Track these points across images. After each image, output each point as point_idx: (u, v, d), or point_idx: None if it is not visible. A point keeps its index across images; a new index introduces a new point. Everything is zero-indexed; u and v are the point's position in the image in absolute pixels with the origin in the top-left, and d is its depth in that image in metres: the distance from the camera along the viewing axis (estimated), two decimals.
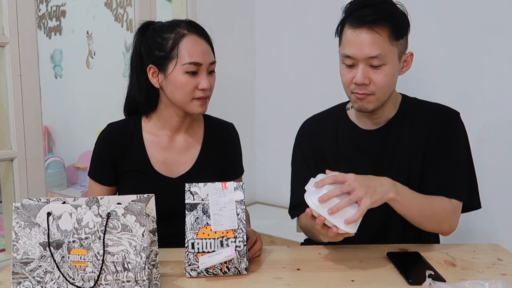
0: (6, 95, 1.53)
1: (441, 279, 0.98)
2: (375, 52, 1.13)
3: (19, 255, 0.92)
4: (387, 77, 1.16)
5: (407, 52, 1.22)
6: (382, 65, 1.15)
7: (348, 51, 1.16)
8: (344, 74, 1.20)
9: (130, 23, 2.97)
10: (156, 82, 1.25)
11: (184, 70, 1.20)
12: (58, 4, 3.45)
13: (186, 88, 1.21)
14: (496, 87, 1.86)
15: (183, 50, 1.20)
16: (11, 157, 1.54)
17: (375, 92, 1.17)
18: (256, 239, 1.14)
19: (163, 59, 1.22)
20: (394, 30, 1.14)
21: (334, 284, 1.00)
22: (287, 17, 2.44)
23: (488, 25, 1.85)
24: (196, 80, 1.21)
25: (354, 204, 1.01)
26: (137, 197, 0.97)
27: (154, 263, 0.97)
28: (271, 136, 2.60)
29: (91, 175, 1.34)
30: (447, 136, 1.24)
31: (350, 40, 1.15)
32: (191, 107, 1.24)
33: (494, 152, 1.87)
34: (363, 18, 1.13)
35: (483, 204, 1.27)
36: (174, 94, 1.23)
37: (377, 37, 1.12)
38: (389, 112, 1.27)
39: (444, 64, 1.98)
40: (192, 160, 1.33)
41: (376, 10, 1.13)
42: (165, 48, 1.21)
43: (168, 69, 1.21)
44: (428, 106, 1.30)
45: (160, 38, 1.22)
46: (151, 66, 1.24)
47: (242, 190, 1.07)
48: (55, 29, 3.48)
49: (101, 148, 1.32)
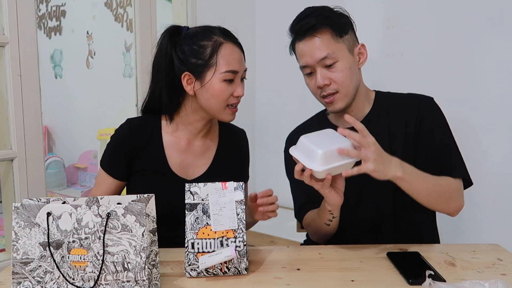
0: (6, 95, 1.52)
1: (441, 279, 0.98)
2: (323, 54, 1.23)
3: (19, 255, 0.92)
4: (344, 72, 1.24)
5: (358, 44, 1.30)
6: (335, 63, 1.24)
7: (302, 61, 1.27)
8: (309, 84, 1.31)
9: (130, 23, 2.97)
10: (191, 89, 1.25)
11: (222, 78, 1.22)
12: (58, 4, 3.45)
13: (222, 96, 1.23)
14: (495, 87, 1.86)
15: (222, 59, 1.22)
16: (11, 157, 1.54)
17: (338, 89, 1.25)
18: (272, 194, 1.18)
19: (201, 67, 1.22)
20: (334, 29, 1.24)
21: (334, 284, 1.00)
22: (288, 17, 2.44)
23: (486, 25, 1.85)
24: (232, 87, 1.24)
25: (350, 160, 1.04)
26: (137, 197, 0.97)
27: (154, 263, 0.97)
28: (271, 136, 2.60)
29: (104, 166, 1.32)
30: (426, 120, 1.29)
31: (300, 52, 1.27)
32: (223, 115, 1.27)
33: (494, 152, 1.87)
34: (303, 28, 1.24)
35: (483, 204, 1.27)
36: (209, 102, 1.24)
37: (321, 40, 1.23)
38: (363, 108, 1.34)
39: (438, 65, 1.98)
40: (207, 163, 1.35)
41: (312, 18, 1.24)
42: (203, 56, 1.22)
43: (206, 77, 1.22)
44: (402, 96, 1.36)
45: (197, 46, 1.23)
46: (186, 74, 1.24)
47: (242, 190, 1.07)
48: (55, 29, 3.48)
49: (119, 141, 1.30)
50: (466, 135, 1.85)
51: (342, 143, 1.04)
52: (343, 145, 1.04)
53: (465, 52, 1.91)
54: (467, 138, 1.85)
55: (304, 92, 2.47)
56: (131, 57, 2.97)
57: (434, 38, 1.97)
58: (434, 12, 1.96)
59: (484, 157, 1.88)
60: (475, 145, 1.89)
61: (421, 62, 2.01)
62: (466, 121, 1.90)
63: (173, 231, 1.19)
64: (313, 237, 1.37)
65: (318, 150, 1.02)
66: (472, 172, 1.28)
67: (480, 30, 1.86)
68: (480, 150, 1.88)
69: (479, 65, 1.88)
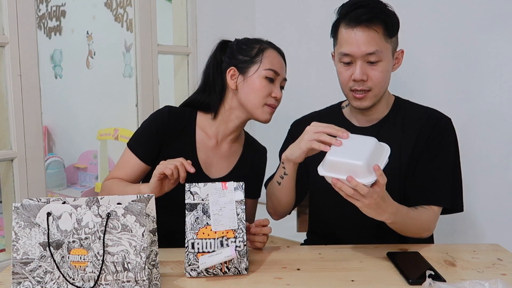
0: (6, 95, 1.52)
1: (441, 279, 0.98)
2: (372, 49, 1.19)
3: (19, 255, 0.92)
4: (383, 73, 1.22)
5: (398, 49, 1.28)
6: (378, 61, 1.21)
7: (346, 49, 1.21)
8: (342, 72, 1.25)
9: (130, 23, 2.97)
10: (233, 83, 1.32)
11: (265, 75, 1.29)
12: (58, 4, 3.45)
13: (262, 92, 1.29)
14: (495, 87, 1.86)
15: (266, 58, 1.31)
16: (11, 157, 1.54)
17: (372, 88, 1.23)
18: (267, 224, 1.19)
19: (246, 63, 1.31)
20: (388, 27, 1.20)
21: (334, 284, 1.00)
22: (288, 17, 2.44)
23: (486, 25, 1.85)
24: (271, 87, 1.30)
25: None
26: (137, 197, 0.97)
27: (154, 263, 0.97)
28: (271, 136, 2.59)
29: (133, 147, 1.32)
30: (436, 140, 1.27)
31: (347, 39, 1.21)
32: (261, 112, 1.31)
33: (494, 152, 1.87)
34: (359, 18, 1.19)
35: (483, 204, 1.27)
36: (249, 96, 1.30)
37: (374, 34, 1.19)
38: (382, 111, 1.32)
39: (437, 65, 1.98)
40: (229, 167, 1.39)
41: (370, 9, 1.19)
42: (250, 53, 1.32)
43: (249, 72, 1.30)
44: (421, 109, 1.34)
45: (245, 46, 1.34)
46: (231, 68, 1.33)
47: (242, 190, 1.07)
48: (55, 29, 3.48)
49: (154, 124, 1.33)
50: (466, 135, 1.85)
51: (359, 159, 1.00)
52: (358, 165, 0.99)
53: (465, 52, 1.90)
54: (467, 138, 1.85)
55: (304, 91, 2.47)
56: (131, 57, 2.97)
57: (434, 38, 1.97)
58: (434, 12, 1.96)
59: (484, 157, 1.88)
60: (475, 145, 1.89)
61: (421, 62, 2.01)
62: (466, 121, 1.90)
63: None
64: (269, 207, 1.38)
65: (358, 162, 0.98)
66: (472, 172, 1.28)
67: (480, 30, 1.86)
68: (480, 150, 1.88)
69: (479, 65, 1.88)
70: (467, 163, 1.28)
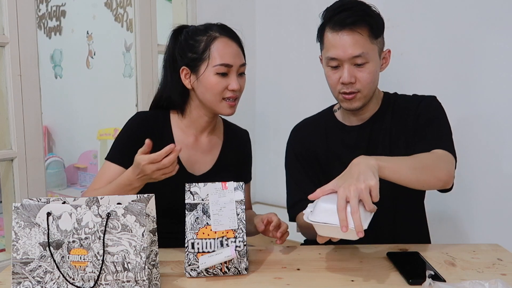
0: (6, 95, 1.52)
1: (441, 279, 0.98)
2: (358, 51, 1.20)
3: (19, 255, 0.92)
4: (371, 74, 1.23)
5: (385, 49, 1.30)
6: (365, 63, 1.22)
7: (332, 53, 1.23)
8: (330, 76, 1.27)
9: (130, 23, 2.96)
10: (188, 83, 1.30)
11: (215, 71, 1.25)
12: (58, 4, 3.44)
13: (216, 89, 1.26)
14: (495, 87, 1.86)
15: (214, 52, 1.26)
16: (11, 157, 1.54)
17: (361, 89, 1.24)
18: (279, 221, 1.20)
19: (195, 61, 1.27)
20: (373, 29, 1.21)
21: (334, 284, 1.00)
22: (288, 17, 2.44)
23: (486, 24, 1.85)
24: (226, 81, 1.26)
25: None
26: (137, 197, 0.97)
27: (154, 263, 0.97)
28: (271, 136, 2.60)
29: (113, 158, 1.29)
30: (423, 114, 1.28)
31: (333, 43, 1.22)
32: (221, 108, 1.29)
33: (494, 152, 1.87)
34: (343, 21, 1.20)
35: (483, 204, 1.27)
36: (204, 95, 1.28)
37: (359, 37, 1.20)
38: (372, 108, 1.34)
39: (432, 65, 1.98)
40: (213, 160, 1.37)
41: (354, 12, 1.20)
42: (197, 50, 1.27)
43: (200, 70, 1.27)
44: (407, 97, 1.37)
45: (193, 41, 1.28)
46: (184, 68, 1.29)
47: (242, 190, 1.07)
48: (55, 29, 3.48)
49: (131, 131, 1.31)
50: (465, 134, 1.85)
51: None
52: None
53: (465, 51, 1.90)
54: (466, 138, 1.85)
55: (304, 90, 2.47)
56: (131, 57, 2.96)
57: (434, 38, 1.97)
58: (434, 12, 1.96)
59: (484, 157, 1.87)
60: (475, 144, 1.89)
61: (421, 62, 2.01)
62: (465, 120, 1.90)
63: (179, 225, 1.20)
64: (307, 236, 1.37)
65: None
66: (472, 172, 1.28)
67: (480, 30, 1.86)
68: (480, 149, 1.88)
69: (479, 64, 1.88)
70: (466, 163, 1.29)
